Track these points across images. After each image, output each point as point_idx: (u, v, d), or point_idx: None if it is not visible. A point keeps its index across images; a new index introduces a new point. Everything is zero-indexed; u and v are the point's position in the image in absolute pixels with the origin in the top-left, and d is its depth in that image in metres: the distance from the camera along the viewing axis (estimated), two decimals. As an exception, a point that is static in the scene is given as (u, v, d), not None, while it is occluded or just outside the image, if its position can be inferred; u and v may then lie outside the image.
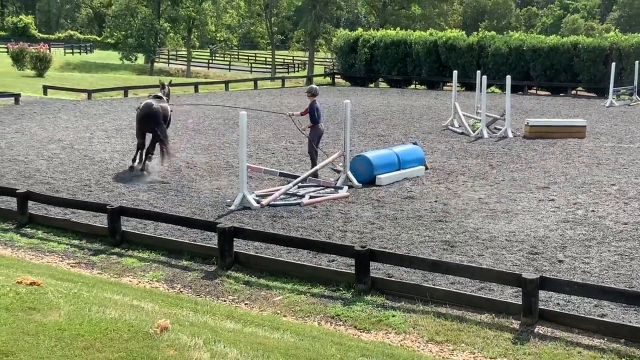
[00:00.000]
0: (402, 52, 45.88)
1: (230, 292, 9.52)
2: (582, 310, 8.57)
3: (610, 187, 15.46)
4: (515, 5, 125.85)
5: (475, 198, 14.45)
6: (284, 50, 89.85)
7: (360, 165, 15.88)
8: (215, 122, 26.32)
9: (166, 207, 13.46)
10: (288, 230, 11.95)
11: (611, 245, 11.16)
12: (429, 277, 9.65)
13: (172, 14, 70.29)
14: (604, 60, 39.44)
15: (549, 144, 21.41)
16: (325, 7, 68.14)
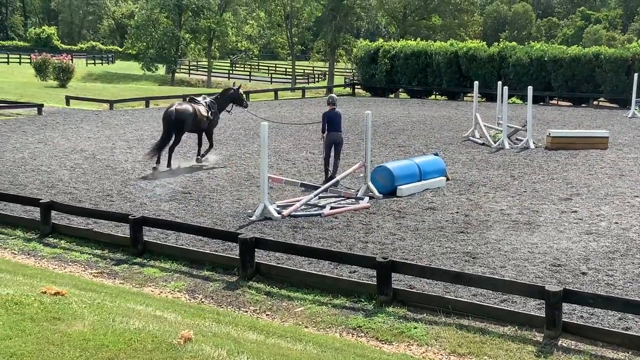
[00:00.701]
0: (423, 62, 45.84)
1: (251, 302, 9.53)
2: (606, 323, 8.50)
3: (634, 199, 15.34)
4: (535, 16, 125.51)
5: (497, 209, 14.39)
6: (304, 61, 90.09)
7: (381, 176, 15.87)
8: (236, 132, 26.41)
9: (187, 217, 13.51)
10: (309, 241, 11.95)
11: (635, 258, 11.06)
12: (450, 289, 9.62)
13: (193, 24, 70.72)
14: (626, 70, 39.19)
15: (571, 155, 21.29)
16: (346, 17, 68.31)
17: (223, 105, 20.49)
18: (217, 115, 20.16)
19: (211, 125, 19.88)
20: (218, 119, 20.42)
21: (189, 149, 21.43)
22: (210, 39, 74.00)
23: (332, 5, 66.15)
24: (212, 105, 19.85)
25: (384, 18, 77.74)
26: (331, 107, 16.69)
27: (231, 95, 20.60)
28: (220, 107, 20.38)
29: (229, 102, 20.57)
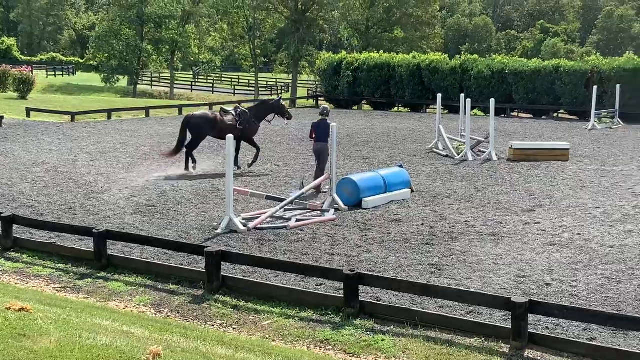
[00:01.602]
0: (386, 74, 46.12)
1: (218, 316, 9.47)
2: (570, 334, 8.59)
3: (595, 210, 15.55)
4: (496, 29, 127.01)
5: (461, 221, 14.49)
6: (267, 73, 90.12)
7: (347, 188, 15.90)
8: (200, 144, 26.22)
9: (152, 231, 13.40)
10: (275, 254, 11.92)
11: (598, 269, 11.21)
12: (417, 301, 9.65)
13: (155, 36, 70.38)
14: (585, 83, 39.80)
15: (533, 167, 21.54)
16: (309, 30, 68.49)
17: (261, 114, 21.18)
18: (253, 124, 20.81)
19: (246, 133, 20.57)
20: (255, 127, 21.06)
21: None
22: (173, 50, 73.67)
23: (295, 17, 66.29)
24: (242, 115, 20.52)
25: (346, 30, 78.02)
26: (322, 117, 17.46)
27: (272, 106, 21.37)
28: (258, 117, 21.05)
29: (269, 112, 21.26)
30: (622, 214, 15.15)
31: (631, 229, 13.86)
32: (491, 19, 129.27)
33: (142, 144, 26.26)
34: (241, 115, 20.55)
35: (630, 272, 11.01)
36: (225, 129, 19.73)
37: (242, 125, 20.29)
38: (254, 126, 20.90)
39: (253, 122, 20.79)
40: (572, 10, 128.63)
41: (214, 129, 20.29)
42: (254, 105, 22.04)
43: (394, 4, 68.79)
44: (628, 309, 9.38)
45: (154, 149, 24.70)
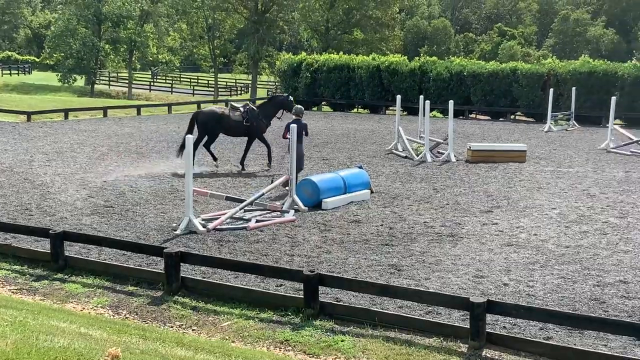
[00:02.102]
0: (345, 76, 46.22)
1: (177, 317, 9.41)
2: (527, 333, 8.69)
3: (551, 211, 15.76)
4: (454, 31, 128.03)
5: (420, 222, 14.59)
6: (226, 73, 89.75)
7: (307, 189, 15.91)
8: (159, 145, 26.11)
9: (110, 232, 13.27)
10: (235, 255, 11.88)
11: (554, 269, 11.36)
12: (377, 301, 9.69)
13: (113, 35, 69.69)
14: (542, 86, 40.32)
15: (490, 168, 21.77)
16: (268, 30, 68.39)
17: (270, 111, 21.29)
18: (262, 121, 20.96)
19: (253, 131, 20.88)
20: (264, 125, 21.22)
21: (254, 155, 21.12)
22: (131, 50, 73.01)
23: (255, 18, 66.14)
24: (250, 112, 20.64)
25: (306, 32, 78.08)
26: (296, 117, 17.83)
27: (280, 102, 21.39)
28: (267, 114, 21.16)
29: (278, 108, 21.30)
30: (577, 215, 15.38)
31: (586, 229, 14.07)
32: (450, 21, 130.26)
33: (100, 144, 26.00)
34: (249, 112, 20.62)
35: (586, 272, 11.18)
36: (232, 126, 20.35)
37: (249, 122, 20.29)
38: (261, 123, 20.99)
39: (261, 119, 20.86)
40: (528, 14, 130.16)
41: (221, 125, 20.50)
42: (263, 102, 22.05)
43: (354, 6, 69.01)
44: (583, 308, 9.53)
45: (112, 149, 24.47)
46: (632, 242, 13.12)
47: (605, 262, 11.78)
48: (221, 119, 20.57)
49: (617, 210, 15.96)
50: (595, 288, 10.39)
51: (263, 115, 21.04)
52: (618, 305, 9.65)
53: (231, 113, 20.73)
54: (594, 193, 17.98)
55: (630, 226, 14.38)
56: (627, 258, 12.02)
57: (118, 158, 22.53)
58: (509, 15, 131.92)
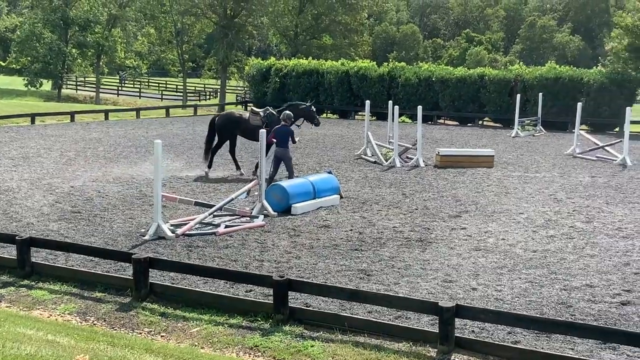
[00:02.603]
0: (315, 81, 46.32)
1: (145, 324, 9.34)
2: (496, 338, 8.76)
3: (519, 216, 15.90)
4: (422, 37, 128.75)
5: (389, 227, 14.64)
6: (195, 78, 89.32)
7: (276, 194, 15.89)
8: (127, 150, 25.93)
9: (78, 238, 13.14)
10: (204, 260, 11.84)
11: (522, 273, 11.46)
12: (346, 306, 9.70)
13: (80, 39, 69.06)
14: (509, 91, 40.70)
15: (459, 173, 21.91)
16: (237, 35, 68.08)
17: None
18: None
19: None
20: None
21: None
22: (99, 54, 72.40)
23: (224, 22, 65.88)
24: (269, 117, 20.41)
25: (275, 36, 78.03)
26: (284, 123, 17.94)
27: (301, 110, 21.11)
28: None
29: (298, 116, 20.96)
30: (544, 220, 15.53)
31: (553, 234, 14.21)
32: (418, 27, 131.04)
33: (67, 149, 25.76)
34: (269, 117, 20.42)
35: (553, 276, 11.30)
36: (250, 130, 20.14)
37: (269, 127, 19.87)
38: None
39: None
40: (496, 20, 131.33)
41: (239, 129, 20.45)
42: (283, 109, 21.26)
43: (323, 11, 69.09)
44: (550, 312, 9.63)
45: (79, 154, 24.26)
46: (598, 246, 13.28)
47: (572, 266, 11.91)
48: (239, 122, 20.57)
49: (583, 214, 16.14)
50: (562, 292, 10.50)
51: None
52: (584, 309, 9.76)
53: (251, 117, 20.58)
54: (561, 198, 18.17)
55: (596, 231, 14.56)
56: (593, 262, 12.16)
57: (86, 163, 22.34)
58: (476, 22, 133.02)
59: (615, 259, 12.37)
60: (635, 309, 9.82)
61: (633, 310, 9.74)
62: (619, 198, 18.29)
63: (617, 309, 9.82)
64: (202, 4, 66.66)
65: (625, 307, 9.90)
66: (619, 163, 24.76)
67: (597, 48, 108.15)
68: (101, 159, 23.32)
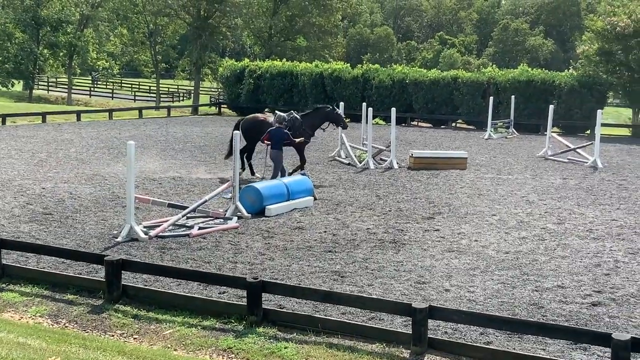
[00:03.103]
0: (289, 83, 46.32)
1: (118, 326, 9.29)
2: (468, 338, 8.81)
3: (492, 217, 16.01)
4: (396, 39, 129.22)
5: (363, 228, 14.67)
6: (168, 79, 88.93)
7: (250, 195, 15.86)
8: (100, 151, 25.75)
9: (49, 240, 13.03)
10: (177, 262, 11.79)
11: (494, 274, 11.54)
12: (320, 308, 9.71)
13: (52, 39, 68.46)
14: (482, 94, 40.96)
15: (432, 175, 22.01)
16: (211, 36, 67.85)
17: (315, 122, 20.65)
18: (305, 132, 20.25)
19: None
20: (308, 135, 20.52)
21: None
22: (71, 55, 71.80)
23: (198, 23, 65.64)
24: (293, 121, 20.07)
25: (249, 38, 77.91)
26: (278, 125, 18.11)
27: (327, 114, 20.72)
28: (311, 125, 20.52)
29: (323, 120, 20.68)
30: (516, 221, 15.65)
31: (525, 235, 14.33)
32: (392, 29, 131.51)
33: (39, 150, 25.53)
34: (292, 121, 20.07)
35: (525, 277, 11.38)
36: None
37: (291, 131, 19.71)
38: (304, 134, 20.30)
39: (303, 129, 20.22)
40: (469, 23, 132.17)
41: (261, 133, 20.03)
42: (307, 112, 21.29)
43: (297, 13, 69.06)
44: (522, 313, 9.70)
45: (51, 156, 24.06)
46: (569, 247, 13.40)
47: (544, 267, 12.01)
48: (261, 126, 20.23)
49: (554, 216, 16.29)
50: (534, 293, 10.58)
51: (307, 125, 20.39)
52: (556, 310, 9.85)
53: (275, 121, 20.09)
54: (533, 200, 18.32)
55: (567, 232, 14.69)
56: (564, 263, 12.27)
57: (57, 165, 22.15)
58: (449, 24, 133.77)
59: (586, 260, 12.49)
60: (606, 309, 9.93)
61: (604, 311, 9.84)
62: (590, 200, 18.48)
63: (588, 309, 9.91)
64: (176, 5, 66.34)
65: (596, 307, 10.00)
66: (590, 165, 25.01)
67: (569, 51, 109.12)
68: (73, 160, 23.14)
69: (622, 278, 11.46)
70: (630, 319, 9.59)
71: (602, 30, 38.95)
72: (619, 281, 11.28)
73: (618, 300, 10.32)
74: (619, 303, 10.21)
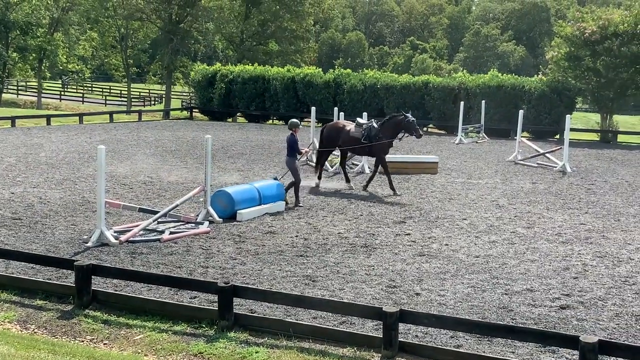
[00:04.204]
0: (261, 87, 46.30)
1: (88, 331, 9.23)
2: (439, 342, 8.86)
3: (462, 222, 16.12)
4: (368, 45, 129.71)
5: (335, 233, 14.70)
6: (140, 83, 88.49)
7: (221, 200, 15.83)
8: (70, 155, 25.56)
9: (18, 245, 12.91)
10: (148, 267, 11.74)
11: (464, 278, 11.62)
12: (291, 312, 9.72)
13: (21, 43, 67.84)
14: (453, 99, 41.20)
15: (403, 180, 22.09)
16: (182, 40, 67.71)
17: (390, 131, 19.77)
18: (381, 140, 19.51)
19: (375, 150, 19.72)
20: (385, 146, 19.81)
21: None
22: (41, 58, 71.20)
23: (169, 27, 65.44)
24: (370, 130, 19.62)
25: (221, 42, 77.79)
26: (291, 132, 17.92)
27: (399, 122, 19.74)
28: (387, 133, 19.70)
29: (397, 128, 19.77)
30: (487, 225, 15.77)
31: (495, 239, 14.44)
32: (364, 34, 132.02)
33: (8, 154, 25.29)
34: (369, 129, 19.65)
35: (494, 281, 11.48)
36: (348, 141, 19.87)
37: (368, 140, 19.36)
38: (384, 144, 19.72)
39: (380, 137, 19.55)
40: (440, 28, 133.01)
41: (339, 139, 20.01)
42: (384, 121, 20.30)
43: (269, 17, 69.07)
44: (492, 316, 9.78)
45: (20, 160, 23.84)
46: (539, 251, 13.53)
47: (513, 271, 12.12)
48: (340, 132, 20.04)
49: (524, 220, 16.43)
50: (504, 296, 10.67)
51: (384, 135, 19.67)
52: (525, 313, 9.94)
53: (353, 128, 19.92)
54: (503, 204, 18.47)
55: (536, 236, 14.83)
56: (533, 267, 12.39)
57: (27, 169, 21.95)
58: (421, 29, 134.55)
59: (555, 264, 12.62)
60: (574, 312, 10.04)
61: (572, 314, 9.95)
62: (559, 204, 18.67)
63: (557, 312, 10.02)
64: (147, 9, 66.11)
65: (565, 310, 10.11)
66: (559, 170, 25.26)
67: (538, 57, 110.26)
68: (43, 165, 22.94)
69: (590, 281, 11.59)
70: (598, 321, 9.70)
71: (571, 36, 39.37)
72: (587, 284, 11.41)
73: (586, 303, 10.44)
74: (586, 306, 10.33)
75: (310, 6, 71.08)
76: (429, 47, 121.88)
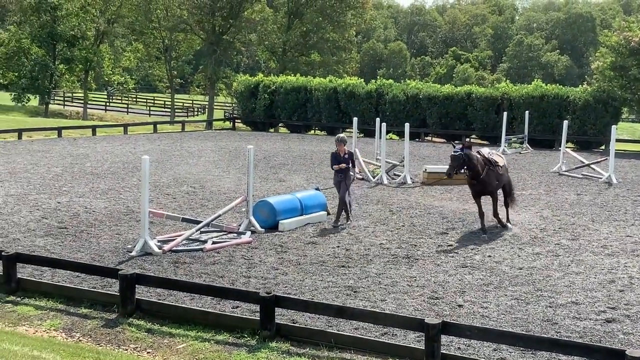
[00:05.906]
0: (302, 98, 46.46)
1: (132, 340, 9.33)
2: (482, 354, 8.78)
3: (505, 233, 15.95)
4: (410, 55, 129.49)
5: (376, 243, 14.67)
6: (183, 94, 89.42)
7: (263, 210, 15.90)
8: (115, 165, 25.89)
9: (64, 254, 13.11)
10: (191, 276, 11.83)
11: (508, 290, 11.50)
12: (333, 323, 9.72)
13: (68, 55, 69.00)
14: (496, 109, 40.91)
15: (446, 190, 21.98)
16: (225, 51, 68.32)
17: None
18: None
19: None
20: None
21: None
22: (86, 70, 72.32)
23: (212, 39, 66.09)
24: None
25: (264, 53, 78.31)
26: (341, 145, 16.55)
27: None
28: None
29: None
30: (530, 237, 15.60)
31: (539, 251, 14.28)
32: (406, 44, 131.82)
33: (54, 164, 25.70)
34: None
35: (538, 293, 11.35)
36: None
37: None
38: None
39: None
40: (483, 38, 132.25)
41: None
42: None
43: (311, 29, 69.41)
44: (536, 329, 9.67)
45: (66, 170, 24.21)
46: (583, 263, 13.35)
47: (558, 283, 11.96)
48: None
49: (569, 232, 16.22)
50: (548, 309, 10.54)
51: None
52: (570, 326, 9.81)
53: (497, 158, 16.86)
54: (547, 215, 18.26)
55: (581, 248, 14.63)
56: (578, 279, 12.22)
57: (72, 179, 22.29)
58: (464, 40, 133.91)
59: (601, 277, 12.44)
60: (620, 326, 9.88)
61: (618, 328, 9.80)
62: (605, 216, 18.39)
63: (602, 326, 9.87)
64: (191, 21, 66.84)
65: (610, 324, 9.95)
66: (605, 181, 24.91)
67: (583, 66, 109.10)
68: (88, 175, 23.27)
69: (637, 294, 11.40)
70: (645, 335, 9.54)
71: (617, 46, 38.86)
72: (633, 297, 11.22)
73: (632, 317, 10.26)
74: (633, 320, 10.16)
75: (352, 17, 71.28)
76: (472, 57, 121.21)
